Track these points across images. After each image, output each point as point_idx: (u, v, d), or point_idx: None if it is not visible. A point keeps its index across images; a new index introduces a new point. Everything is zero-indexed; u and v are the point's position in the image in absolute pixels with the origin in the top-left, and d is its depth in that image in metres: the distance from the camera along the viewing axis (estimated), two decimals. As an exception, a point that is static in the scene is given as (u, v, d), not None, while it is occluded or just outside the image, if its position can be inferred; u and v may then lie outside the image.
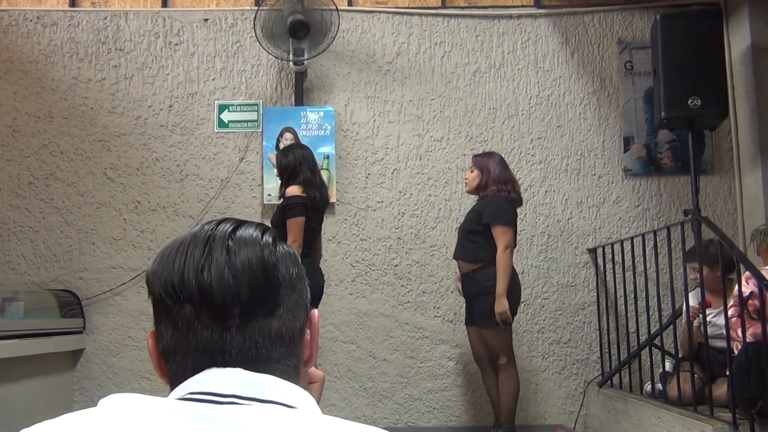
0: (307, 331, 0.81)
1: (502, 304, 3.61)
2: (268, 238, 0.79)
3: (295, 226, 3.54)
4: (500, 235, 3.70)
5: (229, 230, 0.78)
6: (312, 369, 0.88)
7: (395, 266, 4.58)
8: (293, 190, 3.61)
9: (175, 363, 0.75)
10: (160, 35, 4.76)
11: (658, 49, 3.87)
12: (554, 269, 4.61)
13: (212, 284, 0.73)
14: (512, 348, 3.81)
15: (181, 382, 0.73)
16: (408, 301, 4.56)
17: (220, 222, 0.80)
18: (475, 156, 4.00)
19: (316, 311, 0.83)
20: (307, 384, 0.83)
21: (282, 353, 0.76)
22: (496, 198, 3.78)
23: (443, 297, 4.54)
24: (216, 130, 4.67)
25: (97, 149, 4.65)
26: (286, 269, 0.78)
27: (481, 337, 3.78)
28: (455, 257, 3.94)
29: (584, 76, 4.78)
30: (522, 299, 4.50)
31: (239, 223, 0.80)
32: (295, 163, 3.69)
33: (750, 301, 3.14)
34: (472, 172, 3.91)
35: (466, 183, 3.97)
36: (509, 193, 3.82)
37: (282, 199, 3.69)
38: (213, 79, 4.73)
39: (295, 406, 0.71)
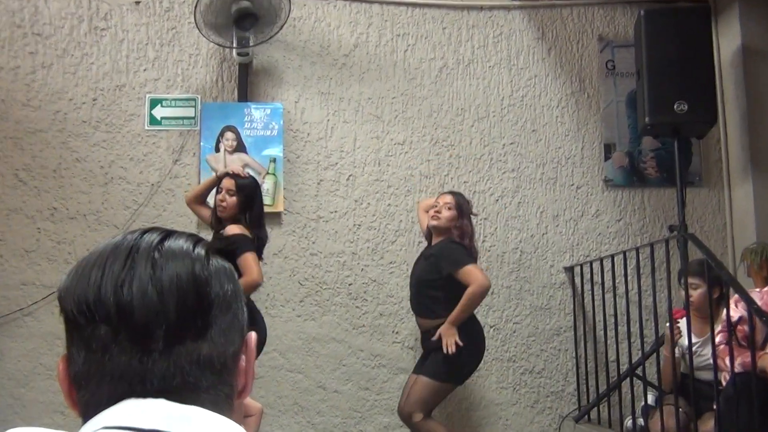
0: (243, 356, 0.80)
1: (450, 331, 3.61)
2: (200, 251, 0.78)
3: (252, 261, 3.44)
4: (469, 274, 3.65)
5: (155, 241, 0.77)
6: (248, 400, 0.86)
7: (349, 285, 4.55)
8: (234, 229, 3.51)
9: (88, 392, 0.73)
10: (84, 19, 4.68)
11: (642, 48, 3.94)
12: (527, 290, 4.64)
13: (133, 302, 0.72)
14: (431, 408, 3.81)
15: (93, 415, 0.71)
16: (363, 325, 4.53)
17: (145, 231, 0.79)
18: (453, 193, 3.98)
19: (253, 334, 0.82)
20: (242, 417, 0.81)
21: (212, 382, 0.75)
22: (449, 244, 3.79)
23: (403, 320, 4.53)
24: (147, 128, 4.60)
25: (7, 147, 4.53)
26: (220, 286, 0.77)
27: (412, 385, 3.79)
28: (418, 314, 3.93)
29: (562, 76, 4.84)
30: (492, 324, 4.52)
31: (168, 233, 0.78)
32: (256, 190, 3.71)
33: (739, 327, 3.19)
34: (449, 210, 3.83)
35: (436, 217, 3.84)
36: (468, 246, 3.82)
37: (219, 238, 3.57)
38: (144, 70, 4.65)
39: None
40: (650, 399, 3.83)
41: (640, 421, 3.73)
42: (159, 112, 4.61)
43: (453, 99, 4.78)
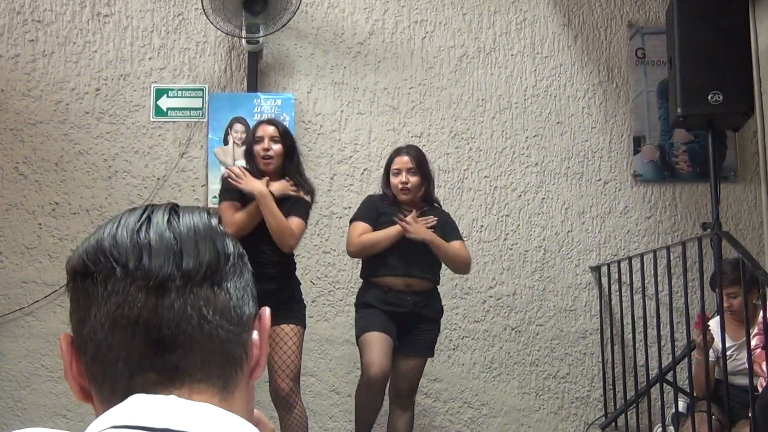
0: (256, 330, 0.82)
1: (428, 235, 3.63)
2: (214, 219, 0.82)
3: (301, 229, 3.53)
4: (464, 248, 3.79)
5: (170, 205, 0.81)
6: (263, 417, 0.88)
7: (364, 284, 4.57)
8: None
9: (101, 348, 0.75)
10: (86, 5, 4.71)
11: (675, 35, 3.94)
12: (551, 290, 4.64)
13: (150, 244, 0.75)
14: None
15: (107, 380, 0.74)
16: (378, 326, 4.55)
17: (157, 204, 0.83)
18: (407, 150, 3.79)
19: (267, 308, 0.84)
20: (252, 401, 0.83)
21: (227, 333, 0.77)
22: (444, 213, 3.88)
23: (420, 322, 4.54)
24: (152, 119, 4.63)
25: (7, 139, 4.58)
26: (233, 248, 0.81)
27: (413, 368, 3.69)
28: (415, 275, 3.68)
29: (589, 65, 4.84)
30: (513, 326, 4.54)
31: (179, 205, 0.83)
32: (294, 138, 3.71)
33: (777, 331, 3.19)
34: (414, 175, 3.70)
35: (406, 190, 3.69)
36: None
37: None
38: (150, 59, 4.69)
39: None
40: (681, 406, 3.83)
41: (671, 429, 3.74)
42: (165, 102, 4.65)
43: (473, 89, 4.78)
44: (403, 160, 3.70)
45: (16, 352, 4.42)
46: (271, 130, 3.51)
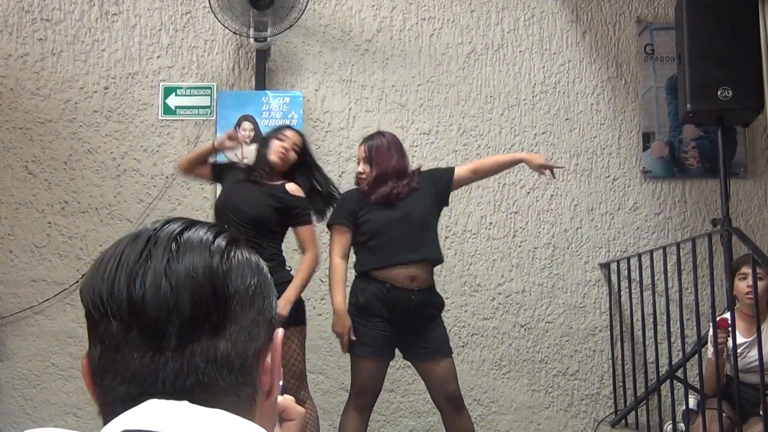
0: (269, 354, 0.80)
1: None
2: (221, 242, 0.78)
3: (313, 235, 3.55)
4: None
5: (176, 231, 0.77)
6: (289, 403, 0.87)
7: (373, 282, 4.57)
8: (298, 190, 3.51)
9: (104, 390, 0.75)
10: (95, 3, 4.73)
11: (684, 31, 3.92)
12: (560, 287, 4.64)
13: (145, 297, 0.72)
14: None
15: (110, 415, 0.72)
16: (387, 324, 4.55)
17: (168, 221, 0.80)
18: (366, 141, 3.62)
19: (280, 331, 0.82)
20: (273, 420, 0.82)
21: (230, 381, 0.75)
22: (425, 171, 3.70)
23: (429, 319, 4.54)
24: (161, 118, 4.64)
25: (17, 138, 4.59)
26: (241, 280, 0.77)
27: (449, 367, 3.45)
28: (414, 259, 3.39)
29: (597, 61, 4.82)
30: (523, 323, 4.53)
31: (190, 224, 0.79)
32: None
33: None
34: (367, 164, 3.53)
35: (361, 179, 3.56)
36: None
37: (280, 193, 3.52)
38: (158, 57, 4.70)
39: None
40: (692, 403, 3.82)
41: (681, 426, 3.72)
42: (173, 101, 4.66)
43: (482, 86, 4.78)
44: (359, 150, 3.63)
45: (27, 350, 4.44)
46: (297, 139, 3.62)
